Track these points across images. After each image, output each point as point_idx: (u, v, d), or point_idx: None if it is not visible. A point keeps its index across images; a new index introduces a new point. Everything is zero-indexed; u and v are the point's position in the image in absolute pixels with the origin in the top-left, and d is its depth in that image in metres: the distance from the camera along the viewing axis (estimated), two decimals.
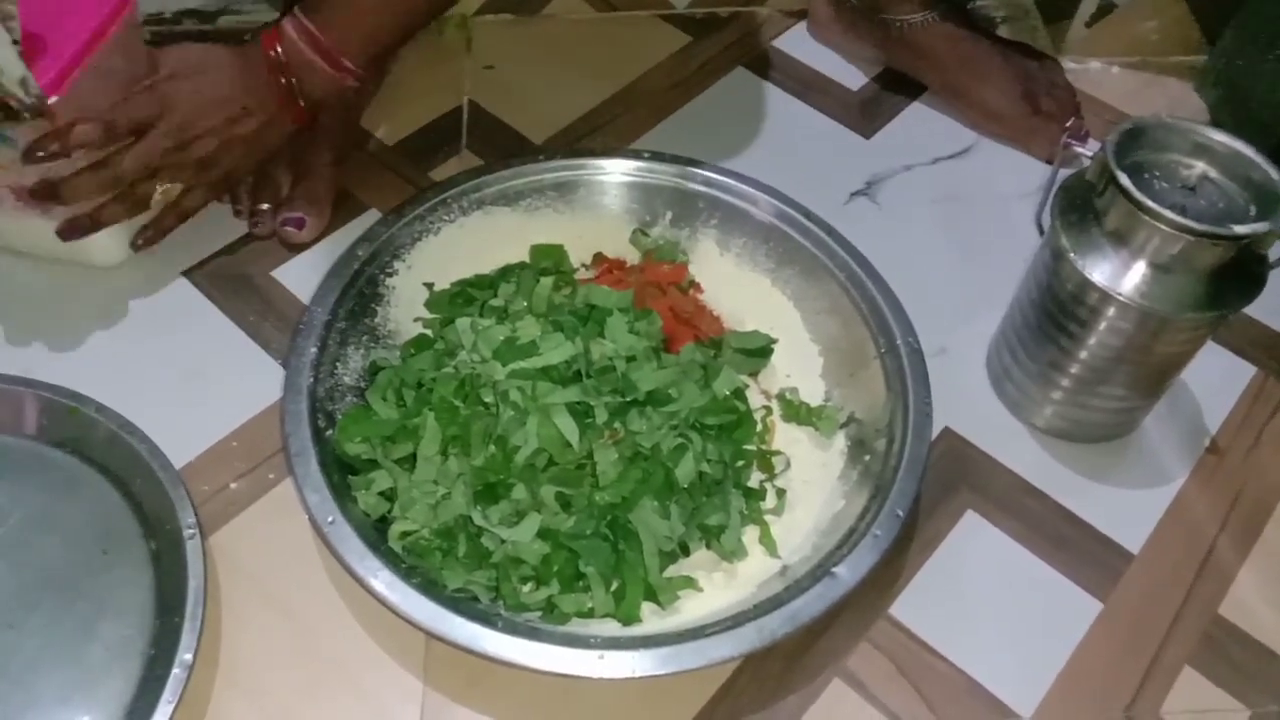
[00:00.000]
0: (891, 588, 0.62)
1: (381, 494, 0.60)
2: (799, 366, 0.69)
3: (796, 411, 0.66)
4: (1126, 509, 0.66)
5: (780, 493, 0.63)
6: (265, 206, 0.75)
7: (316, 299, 0.66)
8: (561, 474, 0.59)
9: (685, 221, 0.74)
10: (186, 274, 0.74)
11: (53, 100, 0.61)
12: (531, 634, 0.54)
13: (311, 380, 0.62)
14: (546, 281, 0.68)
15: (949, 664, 0.60)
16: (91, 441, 0.62)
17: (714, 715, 0.57)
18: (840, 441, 0.65)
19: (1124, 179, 0.57)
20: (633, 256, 0.74)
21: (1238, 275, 0.59)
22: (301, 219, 0.75)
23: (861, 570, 0.56)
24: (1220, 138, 0.59)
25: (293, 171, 0.76)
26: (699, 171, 0.73)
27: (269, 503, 0.64)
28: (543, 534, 0.58)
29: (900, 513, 0.58)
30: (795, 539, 0.61)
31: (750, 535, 0.61)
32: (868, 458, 0.62)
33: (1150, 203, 0.56)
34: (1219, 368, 0.73)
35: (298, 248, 0.76)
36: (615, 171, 0.74)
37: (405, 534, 0.58)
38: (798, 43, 0.94)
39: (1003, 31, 0.96)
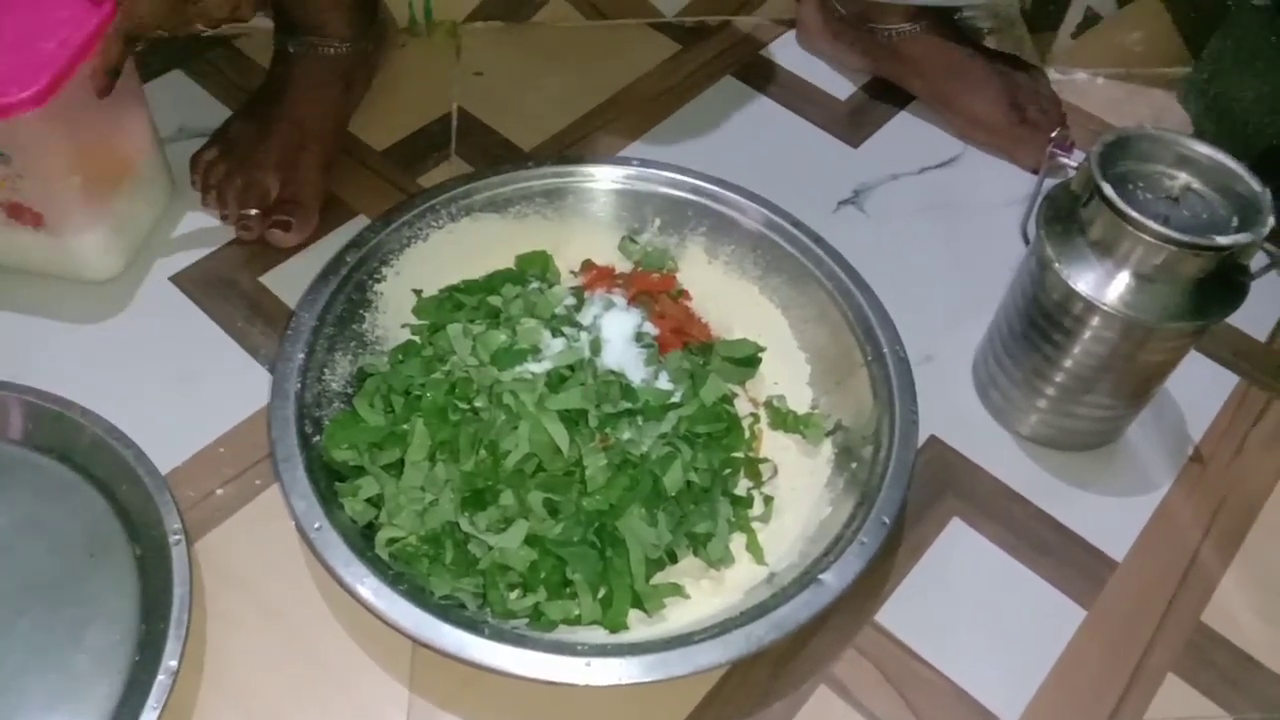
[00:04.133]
0: (878, 595, 0.62)
1: (368, 500, 0.60)
2: (786, 374, 0.69)
3: (784, 419, 0.67)
4: (1111, 517, 0.67)
5: (767, 500, 0.63)
6: (253, 212, 0.75)
7: (304, 304, 0.66)
8: (550, 480, 0.59)
9: (674, 229, 0.74)
10: (173, 279, 0.74)
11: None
12: (518, 641, 0.53)
13: (299, 386, 0.62)
14: (559, 290, 0.68)
15: (935, 671, 0.60)
16: (77, 447, 0.62)
17: None
18: (827, 449, 0.65)
19: (1108, 189, 0.58)
20: (621, 264, 0.74)
21: (1220, 285, 0.59)
22: (289, 222, 0.75)
23: (848, 577, 0.56)
24: (1203, 149, 0.60)
25: (280, 176, 0.76)
26: (687, 179, 0.74)
27: (255, 508, 0.64)
28: (530, 541, 0.58)
29: (886, 520, 0.58)
30: (782, 546, 0.61)
31: (737, 542, 0.61)
32: (854, 465, 0.63)
33: (1134, 213, 0.57)
34: (1202, 377, 0.74)
35: (285, 252, 0.76)
36: (604, 179, 0.74)
37: (392, 540, 0.58)
38: (786, 52, 0.95)
39: (989, 42, 0.97)
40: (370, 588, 0.54)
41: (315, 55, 0.78)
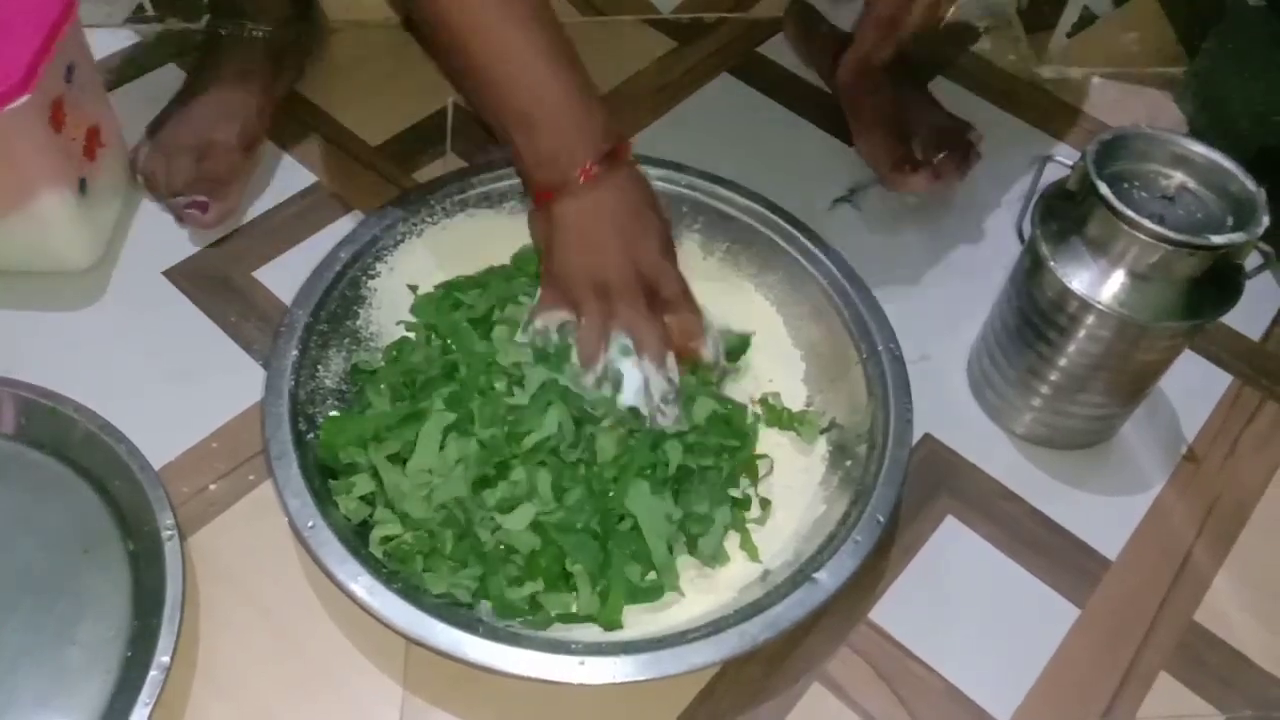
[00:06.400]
0: (871, 593, 0.62)
1: (362, 498, 0.60)
2: (781, 371, 0.69)
3: (779, 416, 0.67)
4: (1104, 515, 0.67)
5: (764, 503, 0.63)
6: (179, 198, 0.74)
7: (298, 301, 0.66)
8: (560, 465, 0.59)
9: (670, 223, 0.74)
10: (167, 274, 0.74)
11: (24, 99, 0.61)
12: (513, 640, 0.53)
13: (293, 383, 0.62)
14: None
15: (928, 668, 0.60)
16: (70, 442, 0.62)
17: (695, 719, 0.57)
18: (822, 447, 0.65)
19: (1103, 188, 0.58)
20: None
21: (1215, 285, 0.59)
22: (205, 203, 0.74)
23: (842, 575, 0.56)
24: (1198, 148, 0.60)
25: (196, 155, 0.75)
26: (683, 175, 0.74)
27: (249, 504, 0.64)
28: (534, 527, 0.57)
29: (881, 518, 0.58)
30: (776, 544, 0.61)
31: (731, 541, 0.61)
32: (849, 463, 0.63)
33: (1129, 212, 0.57)
34: (1196, 376, 0.74)
35: (279, 247, 0.76)
36: None
37: (386, 539, 0.58)
38: (783, 49, 0.95)
39: (985, 41, 0.97)
40: (364, 586, 0.54)
41: (244, 37, 0.78)
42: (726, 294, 0.72)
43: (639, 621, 0.58)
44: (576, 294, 0.63)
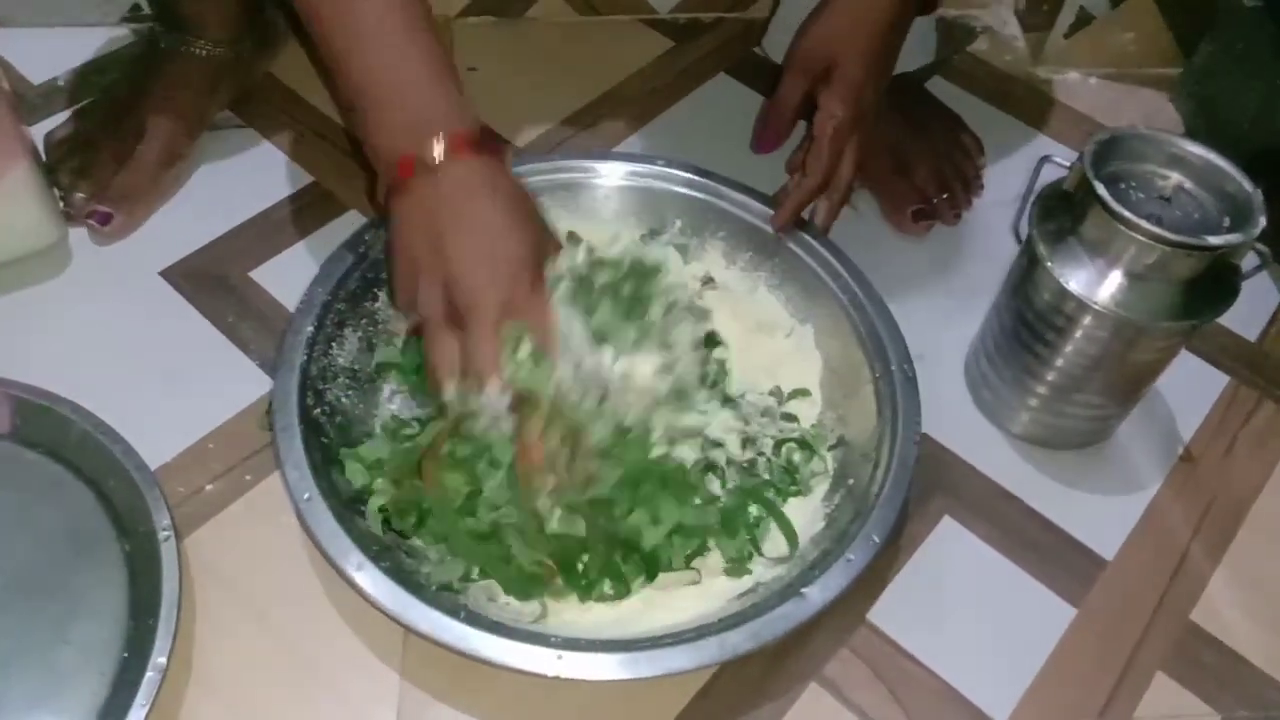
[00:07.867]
0: (869, 594, 0.62)
1: (369, 467, 0.60)
2: (796, 385, 0.68)
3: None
4: (1101, 515, 0.67)
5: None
6: (80, 195, 0.73)
7: (319, 279, 0.65)
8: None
9: (694, 231, 0.73)
10: (163, 274, 0.74)
11: None
12: (494, 629, 0.53)
13: (305, 358, 0.62)
14: None
15: (925, 669, 0.60)
16: (65, 442, 0.62)
17: (693, 718, 0.57)
18: (828, 463, 0.65)
19: (1101, 189, 0.58)
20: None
21: (1211, 285, 0.59)
22: (109, 215, 0.74)
23: (831, 593, 0.55)
24: (1195, 149, 0.60)
25: (116, 166, 0.74)
26: (709, 182, 0.73)
27: (245, 505, 0.63)
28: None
29: (876, 539, 0.57)
30: (773, 556, 0.61)
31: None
32: (852, 481, 0.62)
33: (1126, 213, 0.57)
34: (1193, 376, 0.74)
35: (277, 247, 0.76)
36: (626, 176, 0.73)
37: (384, 509, 0.59)
38: (780, 50, 0.95)
39: (982, 41, 0.97)
40: (354, 563, 0.54)
41: (186, 54, 0.77)
42: (748, 303, 0.72)
43: (625, 623, 0.58)
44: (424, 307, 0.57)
